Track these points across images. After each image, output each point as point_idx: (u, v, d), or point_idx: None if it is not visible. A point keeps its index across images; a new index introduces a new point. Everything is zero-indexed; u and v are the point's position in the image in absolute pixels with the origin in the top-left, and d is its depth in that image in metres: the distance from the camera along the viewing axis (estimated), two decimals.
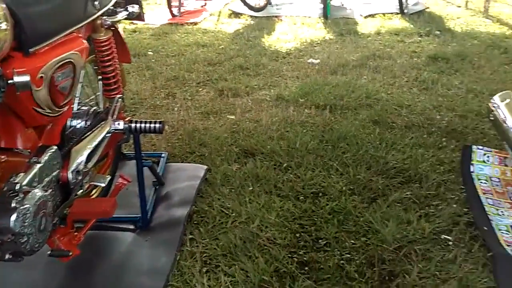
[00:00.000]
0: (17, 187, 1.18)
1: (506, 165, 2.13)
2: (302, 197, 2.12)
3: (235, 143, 2.67)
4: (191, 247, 1.82)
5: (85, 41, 1.52)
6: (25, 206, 1.16)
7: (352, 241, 1.83)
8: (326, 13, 5.99)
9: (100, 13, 1.65)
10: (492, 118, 2.04)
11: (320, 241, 1.85)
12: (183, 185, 2.21)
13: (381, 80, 3.63)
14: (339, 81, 3.58)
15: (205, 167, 2.38)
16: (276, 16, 6.27)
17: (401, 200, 2.05)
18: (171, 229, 1.90)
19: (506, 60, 4.05)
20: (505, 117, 1.91)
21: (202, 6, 6.94)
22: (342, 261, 1.72)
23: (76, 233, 1.46)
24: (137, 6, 1.91)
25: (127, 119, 1.78)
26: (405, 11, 6.01)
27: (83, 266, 1.68)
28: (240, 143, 2.65)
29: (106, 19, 1.70)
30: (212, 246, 1.83)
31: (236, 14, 6.37)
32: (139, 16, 1.97)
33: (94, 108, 1.76)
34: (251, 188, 2.20)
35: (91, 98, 1.83)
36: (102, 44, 1.71)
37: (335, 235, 1.86)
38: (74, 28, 1.46)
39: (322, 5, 6.19)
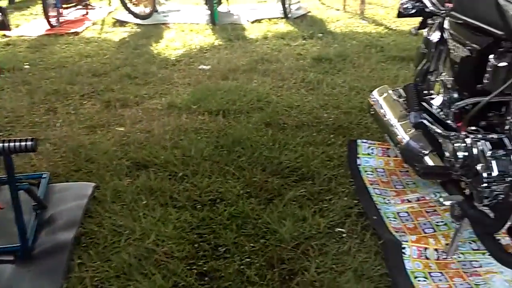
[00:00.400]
0: None
1: (389, 156, 2.26)
2: (199, 206, 2.06)
3: (125, 156, 2.53)
4: (80, 273, 1.67)
5: None
6: None
7: (252, 245, 1.80)
8: (213, 20, 6.01)
9: None
10: (372, 112, 2.15)
11: (219, 248, 1.80)
12: (69, 206, 2.03)
13: (271, 83, 3.69)
14: (230, 86, 3.58)
15: (93, 184, 2.22)
16: (163, 24, 6.14)
17: (296, 198, 2.08)
18: (55, 256, 1.73)
19: (382, 58, 4.34)
20: (383, 110, 2.02)
21: (83, 15, 6.58)
22: (242, 266, 1.69)
23: None
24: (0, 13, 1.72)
25: None
26: (289, 15, 6.23)
27: None
28: (131, 156, 2.52)
29: None
30: (103, 268, 1.69)
31: (121, 23, 6.14)
32: (3, 25, 1.78)
33: None
34: (144, 202, 2.10)
35: None
36: None
37: (234, 240, 1.83)
38: None
39: (209, 12, 6.20)
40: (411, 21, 2.22)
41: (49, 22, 5.73)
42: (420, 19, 2.08)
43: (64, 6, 6.19)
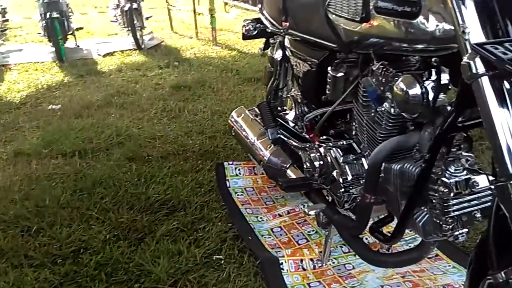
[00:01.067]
0: None
1: (256, 174, 2.29)
2: (60, 260, 1.84)
3: None
4: None
5: None
6: None
7: None
8: (60, 56, 5.67)
9: None
10: (234, 134, 2.16)
11: None
12: None
13: (130, 115, 3.54)
14: (85, 123, 3.35)
15: None
16: (3, 65, 5.61)
17: (169, 232, 1.98)
18: None
19: (239, 81, 4.46)
20: (243, 130, 2.04)
21: None
22: None
23: None
24: None
25: None
26: (142, 46, 6.13)
27: None
28: None
29: None
30: None
31: None
32: None
33: None
34: None
35: None
36: None
37: None
38: None
39: (54, 49, 5.83)
40: (260, 42, 2.29)
41: None
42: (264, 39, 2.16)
43: None
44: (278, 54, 1.92)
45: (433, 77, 1.12)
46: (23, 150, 2.95)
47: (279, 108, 2.11)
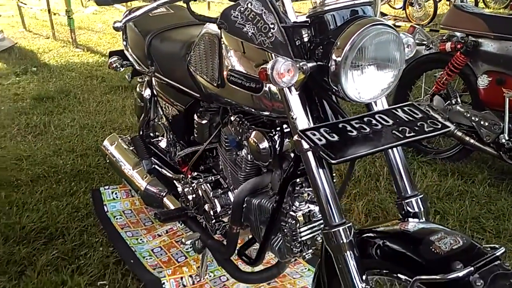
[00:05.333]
0: None
1: (133, 196, 2.43)
2: None
3: None
4: None
5: None
6: None
7: None
8: None
9: None
10: (108, 161, 2.27)
11: None
12: None
13: None
14: None
15: None
16: None
17: (50, 262, 2.04)
18: None
19: (106, 89, 4.45)
20: (118, 159, 2.17)
21: None
22: None
23: None
24: None
25: None
26: None
27: None
28: None
29: None
30: None
31: None
32: None
33: None
34: None
35: None
36: None
37: None
38: None
39: None
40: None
41: None
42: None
43: None
44: (147, 93, 2.08)
45: (278, 129, 1.42)
46: None
47: (151, 135, 2.28)
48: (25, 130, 3.49)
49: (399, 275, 1.05)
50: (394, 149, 1.21)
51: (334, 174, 1.48)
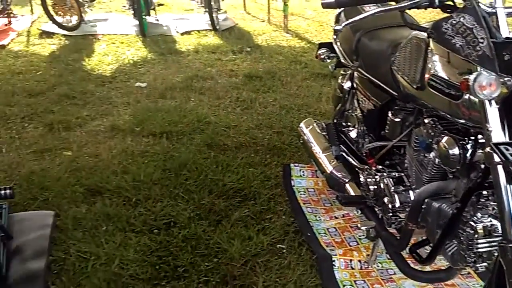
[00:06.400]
0: None
1: (317, 177, 2.65)
2: (156, 230, 2.31)
3: (78, 182, 2.70)
4: None
5: None
6: None
7: (206, 264, 2.10)
8: (143, 31, 6.13)
9: None
10: (302, 142, 2.52)
11: (178, 269, 2.07)
12: (34, 236, 2.20)
13: (207, 102, 3.97)
14: (170, 106, 3.81)
15: (52, 213, 2.39)
16: (92, 35, 6.17)
17: (241, 218, 2.40)
18: (31, 284, 1.92)
19: (307, 75, 4.76)
20: (310, 141, 2.40)
21: (6, 25, 6.42)
22: (200, 284, 1.99)
23: None
24: None
25: None
26: (217, 27, 6.50)
27: None
28: (84, 182, 2.69)
29: None
30: None
31: (48, 34, 6.08)
32: None
33: None
34: (104, 228, 2.31)
35: None
36: None
37: (190, 260, 2.11)
38: None
39: (137, 22, 6.31)
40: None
41: None
42: None
43: None
44: (347, 85, 2.24)
45: (472, 138, 1.42)
46: (118, 126, 3.46)
47: (343, 124, 2.44)
48: (235, 103, 3.99)
49: None
50: None
51: None
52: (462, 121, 1.34)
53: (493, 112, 1.15)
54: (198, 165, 2.89)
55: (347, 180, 2.09)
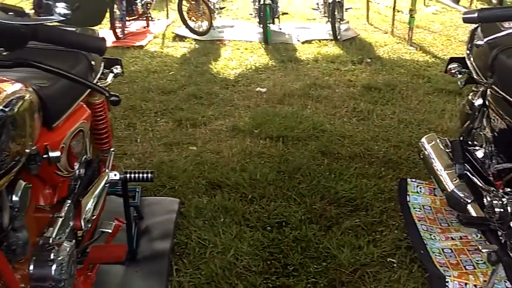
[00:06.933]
0: (50, 241, 1.39)
1: (435, 195, 2.57)
2: (268, 227, 2.43)
3: (201, 175, 2.92)
4: (178, 277, 2.06)
5: (87, 109, 1.74)
6: (61, 257, 1.37)
7: (315, 266, 2.16)
8: (266, 38, 6.38)
9: (95, 80, 1.87)
10: (422, 157, 2.46)
11: (288, 267, 2.16)
12: (161, 219, 2.43)
13: (324, 110, 4.03)
14: (287, 111, 3.94)
15: (178, 200, 2.62)
16: (219, 40, 6.57)
17: (352, 227, 2.42)
18: (157, 261, 2.13)
19: (430, 90, 4.60)
20: (432, 157, 2.33)
21: (144, 27, 7.09)
22: (309, 285, 2.05)
23: (89, 273, 1.67)
24: (119, 66, 2.13)
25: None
26: (338, 37, 6.53)
27: None
28: (206, 176, 2.90)
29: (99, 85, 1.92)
30: (196, 275, 2.08)
31: (180, 38, 6.60)
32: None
33: (85, 156, 1.96)
34: (222, 220, 2.48)
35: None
36: (97, 106, 1.92)
37: (300, 261, 2.19)
38: (81, 99, 1.68)
39: (261, 30, 6.58)
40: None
41: (115, 34, 6.23)
42: None
43: (127, 18, 6.71)
44: (478, 102, 2.14)
45: None
46: (238, 127, 3.66)
47: (469, 142, 2.34)
48: (351, 113, 4.00)
49: None
50: None
51: None
52: None
53: None
54: (312, 170, 2.96)
55: (469, 200, 2.00)
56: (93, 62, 1.78)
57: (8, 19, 0.93)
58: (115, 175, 1.92)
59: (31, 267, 1.32)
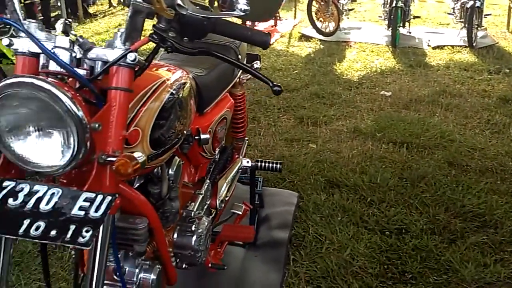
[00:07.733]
0: (192, 214, 1.54)
1: None
2: (387, 232, 2.39)
3: (320, 173, 2.97)
4: (294, 267, 2.14)
5: (231, 99, 1.88)
6: (200, 230, 1.51)
7: (435, 277, 2.09)
8: (394, 42, 6.22)
9: (239, 73, 2.01)
10: None
11: (406, 274, 2.12)
12: (280, 210, 2.53)
13: (453, 119, 3.83)
14: (413, 118, 3.82)
15: (297, 194, 2.69)
16: (345, 42, 6.54)
17: (478, 243, 2.29)
18: (276, 249, 2.23)
19: None
20: None
21: (272, 26, 7.31)
22: None
23: (219, 249, 1.82)
24: (258, 61, 2.25)
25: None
26: (474, 44, 6.13)
27: (210, 275, 2.02)
28: (325, 174, 2.94)
29: (243, 78, 2.06)
30: (311, 268, 2.14)
31: (306, 38, 6.70)
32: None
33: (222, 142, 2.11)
34: (339, 218, 2.50)
35: None
36: (239, 97, 2.06)
37: (419, 270, 2.13)
38: (227, 89, 1.82)
39: (389, 33, 6.42)
40: None
41: None
42: None
43: None
44: None
45: None
46: (360, 129, 3.64)
47: None
48: (484, 125, 3.75)
49: None
50: None
51: None
52: None
53: None
54: (437, 180, 2.85)
55: None
56: (239, 56, 1.92)
57: (196, 12, 1.06)
58: (247, 162, 2.04)
59: (175, 235, 1.48)
